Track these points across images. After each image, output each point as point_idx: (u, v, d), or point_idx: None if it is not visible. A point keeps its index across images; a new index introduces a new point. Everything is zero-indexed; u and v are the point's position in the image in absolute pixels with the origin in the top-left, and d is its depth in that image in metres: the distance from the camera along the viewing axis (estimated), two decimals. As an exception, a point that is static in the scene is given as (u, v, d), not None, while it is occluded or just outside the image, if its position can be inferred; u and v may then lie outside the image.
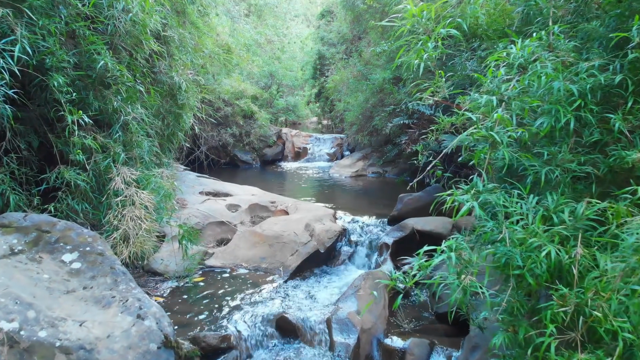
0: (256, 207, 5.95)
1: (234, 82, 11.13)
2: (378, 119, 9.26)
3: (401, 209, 5.59)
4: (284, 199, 6.43)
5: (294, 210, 5.80)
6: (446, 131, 3.44)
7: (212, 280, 4.38)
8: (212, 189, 6.54)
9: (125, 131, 4.16)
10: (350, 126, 11.00)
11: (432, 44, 2.14)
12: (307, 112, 23.42)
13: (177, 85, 5.14)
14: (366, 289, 3.77)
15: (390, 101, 8.41)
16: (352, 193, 8.15)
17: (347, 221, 5.73)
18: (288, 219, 5.33)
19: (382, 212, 6.25)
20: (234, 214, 5.63)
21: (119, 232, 3.77)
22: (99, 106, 3.99)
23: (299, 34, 25.25)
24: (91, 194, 3.88)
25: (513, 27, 3.42)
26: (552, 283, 1.98)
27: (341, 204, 7.03)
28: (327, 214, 5.58)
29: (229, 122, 10.72)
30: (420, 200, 5.57)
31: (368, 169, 10.01)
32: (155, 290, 4.15)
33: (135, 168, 4.15)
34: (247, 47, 14.07)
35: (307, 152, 13.24)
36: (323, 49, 17.72)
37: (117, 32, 4.18)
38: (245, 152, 11.38)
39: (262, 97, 11.71)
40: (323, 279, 4.51)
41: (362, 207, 6.73)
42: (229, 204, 5.87)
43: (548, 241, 1.94)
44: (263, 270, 4.55)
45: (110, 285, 2.67)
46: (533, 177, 2.18)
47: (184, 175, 6.87)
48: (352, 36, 14.02)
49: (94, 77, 3.92)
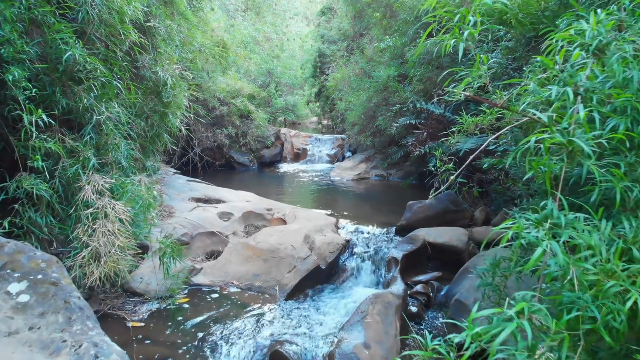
0: (250, 215, 5.44)
1: (230, 80, 10.61)
2: (382, 119, 8.74)
3: (410, 218, 5.08)
4: (281, 205, 5.92)
5: (292, 219, 5.29)
6: (469, 132, 2.93)
7: (199, 301, 3.87)
8: (203, 194, 6.03)
9: (99, 133, 3.65)
10: (352, 126, 10.49)
11: (473, 19, 1.62)
12: (307, 112, 22.92)
13: (162, 82, 4.62)
14: (374, 316, 3.26)
15: (395, 100, 7.89)
16: (354, 198, 7.63)
17: (350, 231, 5.22)
18: (285, 229, 4.82)
19: (388, 220, 5.73)
20: (226, 224, 5.12)
21: (88, 250, 3.26)
22: (68, 104, 3.48)
23: (298, 32, 24.75)
24: (57, 206, 3.36)
25: (547, 12, 2.92)
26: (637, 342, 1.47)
27: (343, 210, 6.51)
28: (328, 223, 5.07)
29: (224, 122, 10.20)
30: (431, 208, 5.06)
31: (371, 171, 9.49)
32: (132, 315, 3.64)
33: (110, 175, 3.64)
34: (244, 44, 13.57)
35: (306, 153, 12.73)
36: (323, 46, 17.22)
37: (90, 20, 3.66)
38: (241, 154, 10.86)
39: (259, 96, 11.17)
40: (324, 299, 3.99)
41: (366, 215, 6.21)
42: (221, 211, 5.35)
43: (629, 284, 1.43)
44: (256, 290, 4.04)
45: (63, 325, 2.16)
46: (599, 195, 1.66)
47: (172, 180, 6.36)
48: (353, 33, 13.50)
49: (62, 70, 3.40)
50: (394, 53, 9.03)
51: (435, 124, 6.73)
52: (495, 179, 5.98)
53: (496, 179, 5.97)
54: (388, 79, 8.24)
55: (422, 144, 6.83)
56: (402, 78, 8.36)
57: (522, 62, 3.16)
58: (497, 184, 5.81)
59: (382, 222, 5.61)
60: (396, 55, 9.00)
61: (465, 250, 4.38)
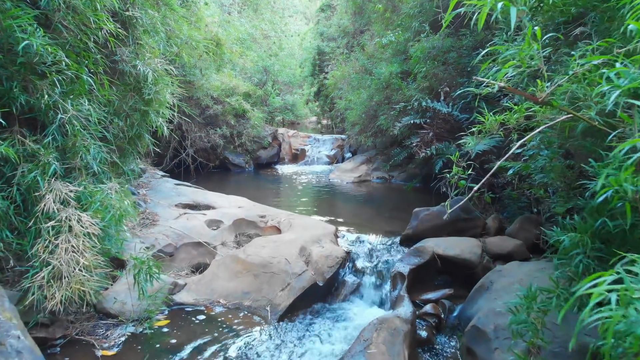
0: (242, 223, 4.99)
1: (225, 77, 10.16)
2: (383, 118, 8.29)
3: (417, 227, 4.64)
4: (276, 211, 5.47)
5: (287, 227, 4.85)
6: (493, 133, 2.49)
7: (181, 324, 3.43)
8: (191, 200, 5.59)
9: (65, 134, 3.21)
10: (352, 126, 10.04)
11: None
12: (306, 112, 22.48)
13: (142, 76, 4.18)
14: (379, 345, 2.82)
15: (398, 98, 7.45)
16: (355, 202, 7.18)
17: (350, 241, 4.78)
18: (279, 239, 4.37)
19: (392, 227, 5.29)
20: (215, 233, 4.68)
21: (48, 269, 2.82)
22: (29, 101, 3.04)
23: (297, 31, 24.29)
24: (14, 218, 2.92)
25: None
26: None
27: (343, 216, 6.07)
28: (327, 232, 4.62)
29: (218, 122, 9.75)
30: (439, 216, 4.62)
31: (372, 173, 9.05)
32: (103, 341, 3.20)
33: (78, 182, 3.20)
34: (240, 41, 13.12)
35: (305, 154, 12.29)
36: (322, 44, 16.78)
37: (55, 7, 3.22)
38: (237, 155, 10.41)
39: (255, 94, 10.70)
40: (322, 322, 3.55)
41: (367, 221, 5.77)
42: (210, 219, 4.91)
43: None
44: (246, 309, 3.60)
45: (-10, 376, 1.72)
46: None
47: (159, 184, 5.92)
48: (353, 29, 13.06)
49: (20, 62, 2.96)
50: (397, 49, 8.58)
51: (441, 123, 6.29)
52: (508, 183, 5.55)
53: (509, 183, 5.54)
54: (390, 76, 7.80)
55: (428, 145, 6.39)
56: (406, 75, 7.91)
57: (550, 52, 2.72)
58: (511, 188, 5.38)
59: (385, 230, 5.17)
60: (399, 52, 8.55)
61: (479, 264, 3.94)
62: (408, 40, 8.10)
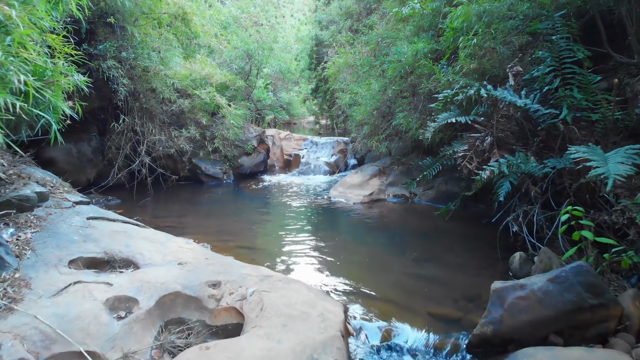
0: (176, 301, 2.77)
1: (196, 65, 7.92)
2: (402, 116, 6.10)
3: (503, 321, 2.42)
4: (241, 272, 3.25)
5: (255, 311, 2.63)
6: None
7: None
8: (103, 250, 3.35)
9: None
10: (359, 126, 7.83)
11: None
12: (303, 111, 20.26)
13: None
14: None
15: (429, 87, 5.24)
16: (369, 240, 4.92)
17: (371, 339, 2.57)
18: (239, 352, 2.15)
19: (438, 299, 3.08)
20: (118, 327, 2.45)
21: None
22: None
23: (294, 25, 22.11)
24: None
25: None
26: None
27: (353, 272, 3.85)
28: (328, 330, 2.41)
29: (185, 121, 7.52)
30: (544, 301, 2.40)
31: (387, 189, 6.82)
32: None
33: None
34: (223, 25, 10.90)
35: (299, 160, 10.08)
36: (321, 33, 14.57)
37: None
38: (212, 163, 8.18)
39: (235, 85, 8.42)
40: None
41: (395, 285, 3.53)
42: (117, 295, 2.69)
43: None
44: None
45: None
46: None
47: (62, 219, 3.67)
48: (359, 9, 10.83)
49: None
50: (419, 24, 6.38)
51: (504, 122, 4.07)
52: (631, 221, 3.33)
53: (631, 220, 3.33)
54: (416, 58, 5.59)
55: (481, 154, 4.17)
56: (437, 56, 5.71)
57: None
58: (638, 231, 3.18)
59: (428, 307, 2.97)
60: (423, 27, 6.35)
61: None
62: (438, 12, 5.90)
